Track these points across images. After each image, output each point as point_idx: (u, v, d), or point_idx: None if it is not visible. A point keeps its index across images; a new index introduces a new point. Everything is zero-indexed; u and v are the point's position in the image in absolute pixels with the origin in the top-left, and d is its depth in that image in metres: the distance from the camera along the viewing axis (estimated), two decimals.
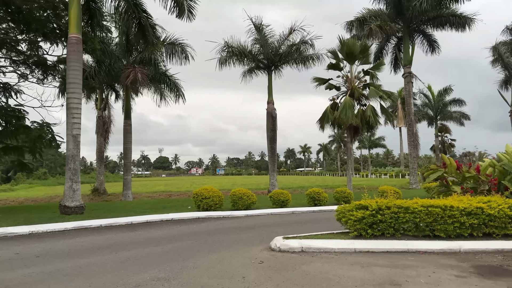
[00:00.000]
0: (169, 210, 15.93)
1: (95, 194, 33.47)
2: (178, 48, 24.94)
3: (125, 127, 25.44)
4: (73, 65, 13.60)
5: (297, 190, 33.53)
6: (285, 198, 16.37)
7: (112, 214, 14.19)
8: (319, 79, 21.86)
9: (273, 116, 26.83)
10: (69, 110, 13.56)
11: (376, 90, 20.14)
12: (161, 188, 42.88)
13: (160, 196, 31.06)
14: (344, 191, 17.89)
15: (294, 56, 26.80)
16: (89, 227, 11.55)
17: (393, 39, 32.52)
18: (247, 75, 29.43)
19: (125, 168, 25.41)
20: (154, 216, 13.45)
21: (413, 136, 29.40)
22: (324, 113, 21.26)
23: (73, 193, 13.39)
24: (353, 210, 8.31)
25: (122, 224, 12.19)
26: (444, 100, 56.64)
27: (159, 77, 25.40)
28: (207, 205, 14.75)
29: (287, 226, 11.66)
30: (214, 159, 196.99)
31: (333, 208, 17.66)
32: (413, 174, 29.15)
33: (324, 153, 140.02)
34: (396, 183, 38.91)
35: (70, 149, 13.41)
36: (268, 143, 26.97)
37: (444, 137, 60.80)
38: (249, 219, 13.59)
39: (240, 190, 15.76)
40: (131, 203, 19.52)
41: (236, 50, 26.54)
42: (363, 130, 20.82)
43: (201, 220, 13.31)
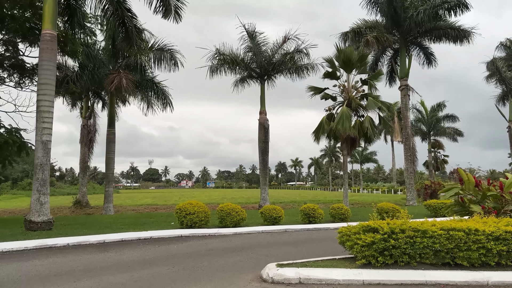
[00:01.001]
0: (150, 226, 14.47)
1: (77, 207, 31.73)
2: (167, 54, 23.72)
3: (109, 136, 23.97)
4: (46, 64, 12.28)
5: (289, 205, 32.12)
6: (278, 215, 15.02)
7: (85, 230, 12.70)
8: (314, 88, 20.76)
9: (266, 127, 25.62)
10: (39, 114, 12.16)
11: (375, 101, 19.09)
12: (148, 201, 41.19)
13: (145, 209, 29.44)
14: (340, 207, 16.60)
15: (288, 65, 25.74)
16: (53, 246, 10.07)
17: (389, 51, 31.78)
18: (239, 84, 28.27)
19: (107, 180, 23.83)
20: (131, 234, 12.00)
21: (410, 151, 28.36)
22: (319, 124, 20.10)
23: (41, 206, 11.91)
24: (360, 233, 7.02)
25: (92, 242, 10.72)
26: (437, 115, 56.28)
27: (146, 84, 24.10)
28: (191, 221, 13.33)
29: (280, 248, 10.30)
30: (205, 172, 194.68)
31: (329, 226, 16.44)
32: (410, 190, 28.00)
33: (316, 167, 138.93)
34: (390, 199, 37.75)
35: (38, 157, 11.98)
36: (259, 155, 25.69)
37: (437, 153, 60.27)
38: (237, 238, 12.21)
39: (229, 205, 14.38)
40: (110, 218, 17.98)
41: (227, 58, 25.42)
42: (360, 142, 19.69)
43: (184, 239, 11.88)
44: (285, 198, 44.66)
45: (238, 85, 28.28)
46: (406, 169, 28.55)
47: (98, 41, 23.38)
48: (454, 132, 56.83)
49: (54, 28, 12.67)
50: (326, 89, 20.42)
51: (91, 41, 23.06)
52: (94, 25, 20.88)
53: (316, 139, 20.35)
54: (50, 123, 12.30)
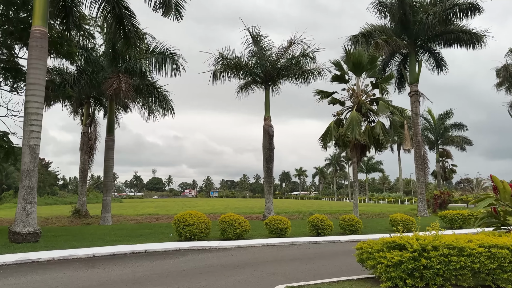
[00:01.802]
0: (146, 238, 13.45)
1: (76, 216, 30.77)
2: (169, 59, 22.89)
3: (107, 142, 23.07)
4: (35, 63, 11.42)
5: (294, 215, 30.98)
6: (284, 226, 13.95)
7: (75, 243, 11.70)
8: (322, 92, 19.77)
9: (270, 133, 24.64)
10: (27, 116, 11.27)
11: (387, 105, 18.07)
12: (149, 211, 40.16)
13: (145, 219, 28.45)
14: (351, 218, 15.49)
15: (294, 70, 24.85)
16: (36, 261, 9.07)
17: (397, 56, 30.84)
18: (243, 90, 27.41)
19: (105, 188, 22.88)
20: (124, 247, 10.98)
21: (421, 159, 27.23)
22: (327, 129, 19.08)
23: (27, 216, 10.94)
24: (384, 250, 5.97)
25: (80, 256, 9.71)
26: (445, 124, 55.21)
27: (146, 88, 23.26)
28: (190, 233, 12.29)
29: (288, 264, 9.24)
30: (208, 181, 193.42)
31: (340, 238, 15.31)
32: (421, 201, 26.79)
33: (320, 177, 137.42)
34: (398, 209, 36.51)
35: (25, 162, 11.05)
36: (264, 163, 24.68)
37: (445, 162, 58.99)
38: (240, 253, 11.16)
39: (231, 215, 13.34)
40: (106, 229, 16.97)
41: (231, 63, 24.58)
42: (370, 149, 18.62)
43: (181, 253, 10.84)
44: (289, 208, 43.48)
45: (242, 91, 27.45)
46: (417, 178, 27.39)
47: (98, 44, 22.62)
48: (462, 141, 55.68)
49: (44, 24, 11.83)
50: (334, 93, 19.45)
51: (91, 45, 22.29)
52: (93, 28, 20.13)
53: (323, 145, 19.33)
54: (39, 126, 11.39)
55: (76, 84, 20.62)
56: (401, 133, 19.64)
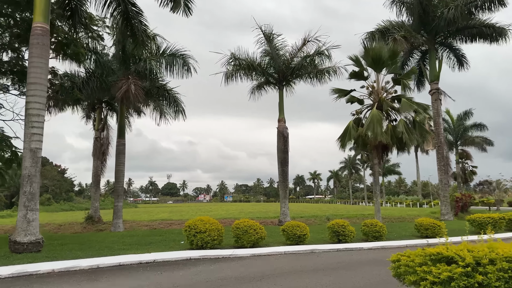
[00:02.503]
0: (156, 246, 12.68)
1: (88, 223, 30.35)
2: (180, 60, 22.24)
3: (118, 147, 22.48)
4: (36, 61, 10.81)
5: (310, 219, 29.91)
6: (302, 233, 13.02)
7: (80, 252, 10.98)
8: (339, 90, 18.79)
9: (285, 135, 23.73)
10: (27, 118, 10.64)
11: (410, 102, 16.99)
12: (164, 216, 39.57)
13: (159, 225, 27.79)
14: (374, 224, 14.45)
15: (308, 69, 23.91)
16: (34, 273, 8.35)
17: (416, 53, 29.67)
18: (255, 91, 26.59)
19: (116, 194, 22.26)
20: (131, 257, 10.21)
21: (444, 160, 25.93)
22: (345, 129, 18.06)
23: (28, 224, 10.27)
24: (428, 263, 5.03)
25: (83, 268, 8.97)
26: (464, 124, 53.55)
27: (157, 91, 22.64)
28: (202, 241, 11.46)
29: (309, 276, 8.33)
30: (222, 186, 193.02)
31: (363, 246, 14.24)
32: (444, 203, 25.48)
33: (335, 180, 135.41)
34: (419, 213, 35.13)
35: (26, 167, 10.40)
36: (279, 166, 23.76)
37: (464, 164, 57.19)
38: (256, 262, 10.28)
39: (245, 221, 12.48)
40: (115, 236, 16.27)
41: (243, 63, 23.80)
42: (393, 149, 17.52)
43: (193, 263, 10.02)
44: (305, 212, 42.37)
45: (255, 92, 26.64)
46: (440, 180, 26.10)
47: (107, 46, 22.11)
48: (483, 141, 53.92)
49: (46, 21, 11.22)
50: (353, 91, 18.44)
51: (100, 47, 21.80)
52: (102, 28, 19.59)
53: (342, 146, 18.32)
54: (41, 129, 10.75)
55: (85, 87, 20.09)
56: (426, 132, 18.50)
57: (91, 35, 19.35)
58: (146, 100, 22.54)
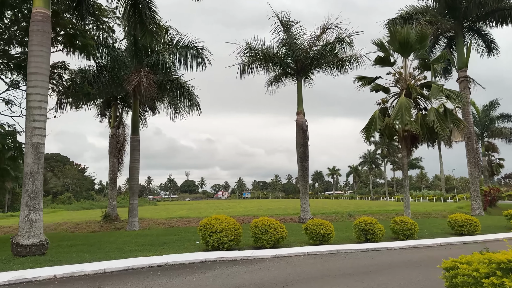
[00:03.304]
0: (170, 247, 11.86)
1: (106, 221, 30.01)
2: (193, 52, 21.42)
3: (132, 143, 21.84)
4: (36, 49, 10.08)
5: (331, 216, 28.72)
6: (327, 231, 11.99)
7: (87, 254, 10.24)
8: (363, 78, 17.57)
9: (304, 128, 22.64)
10: (29, 111, 9.93)
11: (441, 88, 15.69)
12: (182, 213, 38.99)
13: (177, 223, 27.15)
14: (405, 221, 13.28)
15: (328, 58, 22.69)
16: (34, 280, 7.59)
17: (441, 40, 28.07)
18: (272, 84, 25.56)
19: (131, 192, 21.61)
20: (141, 260, 9.39)
21: (474, 152, 24.37)
22: (371, 119, 16.86)
23: (31, 225, 9.56)
24: (496, 274, 3.98)
25: (88, 273, 8.18)
26: (490, 115, 51.31)
27: (170, 84, 21.87)
28: (218, 241, 10.56)
29: (339, 283, 7.32)
30: (240, 183, 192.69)
31: (393, 245, 13.04)
32: (475, 198, 23.97)
33: (355, 176, 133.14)
34: (444, 208, 33.47)
35: (28, 163, 9.69)
36: (298, 161, 22.71)
37: (491, 156, 54.97)
38: (278, 265, 9.32)
39: (265, 220, 11.53)
40: (129, 235, 15.56)
41: (259, 54, 22.78)
42: (423, 140, 16.21)
43: (208, 266, 9.13)
44: (325, 208, 41.13)
45: (272, 84, 25.61)
46: (470, 174, 24.55)
47: (119, 39, 21.43)
48: (510, 133, 51.69)
49: (47, 6, 10.47)
50: (378, 79, 17.18)
51: (111, 40, 21.16)
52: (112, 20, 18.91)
53: (367, 138, 17.14)
54: (43, 122, 10.02)
55: (96, 81, 19.47)
56: (459, 121, 17.12)
57: (101, 27, 18.69)
58: (159, 94, 21.83)
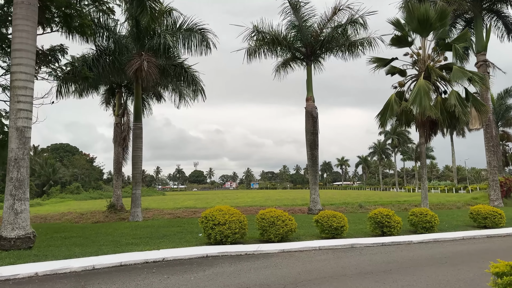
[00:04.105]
0: (170, 240, 11.01)
1: (110, 211, 29.44)
2: (198, 36, 20.40)
3: (135, 131, 21.00)
4: (21, 24, 9.16)
5: (341, 207, 27.76)
6: (339, 224, 11.02)
7: (77, 248, 9.41)
8: (378, 59, 16.40)
9: (314, 115, 21.60)
10: (13, 91, 9.04)
11: (463, 70, 14.50)
12: (189, 204, 38.38)
13: (183, 213, 26.42)
14: (424, 213, 12.26)
15: (340, 41, 21.52)
16: (12, 278, 6.76)
17: (459, 22, 26.64)
18: (281, 69, 24.51)
19: (134, 181, 20.82)
20: (135, 255, 8.53)
21: (493, 140, 23.14)
22: (386, 104, 15.72)
23: (15, 216, 8.74)
24: None
25: (75, 270, 7.34)
26: (506, 103, 49.62)
27: (174, 69, 20.92)
28: (221, 235, 9.66)
29: (356, 283, 6.37)
30: (248, 173, 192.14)
31: (411, 239, 11.88)
32: (494, 188, 22.80)
33: (364, 166, 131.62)
34: (458, 199, 32.33)
35: (12, 149, 8.85)
36: (307, 150, 21.71)
37: (505, 146, 53.40)
38: (286, 261, 8.41)
39: (272, 211, 10.60)
40: (128, 227, 14.76)
41: (267, 37, 21.68)
42: (443, 126, 15.03)
43: (209, 262, 8.24)
44: (334, 199, 40.18)
45: (280, 70, 24.57)
46: (488, 163, 23.34)
47: (120, 22, 20.48)
48: None
49: None
50: (394, 60, 16.00)
51: (112, 23, 20.22)
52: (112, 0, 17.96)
53: (382, 124, 16.03)
54: (29, 104, 9.14)
55: (95, 65, 18.57)
56: (482, 105, 15.94)
57: (100, 8, 17.75)
58: (162, 79, 20.91)
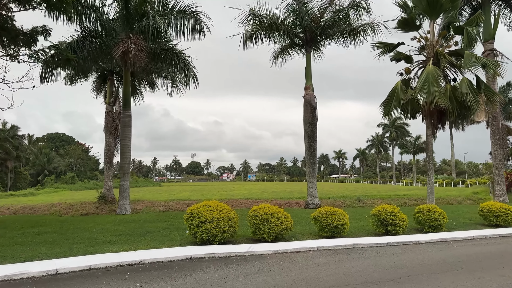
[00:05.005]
0: (153, 237, 9.97)
1: (101, 203, 28.36)
2: (191, 18, 19.18)
3: (123, 119, 19.83)
4: None
5: (339, 200, 26.71)
6: (340, 222, 9.99)
7: (46, 247, 8.36)
8: (383, 44, 15.23)
9: (313, 105, 20.50)
10: None
11: (476, 56, 13.41)
12: (184, 195, 37.32)
13: (176, 205, 25.38)
14: (432, 210, 11.25)
15: (341, 27, 20.38)
16: None
17: (465, 10, 25.44)
18: (279, 56, 23.33)
19: (122, 172, 19.71)
20: (109, 257, 7.49)
21: (499, 133, 22.12)
22: (392, 92, 14.60)
23: None
24: None
25: (34, 275, 6.30)
26: (508, 96, 48.62)
27: (165, 54, 19.71)
28: (208, 233, 8.62)
29: None
30: (246, 165, 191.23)
31: (418, 238, 10.67)
32: (499, 183, 21.83)
33: (362, 159, 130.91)
34: (458, 193, 31.43)
35: None
36: (305, 141, 20.66)
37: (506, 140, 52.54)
38: (281, 265, 7.39)
39: (265, 208, 9.55)
40: (111, 222, 13.68)
41: (264, 21, 20.49)
42: (452, 115, 13.91)
43: (192, 266, 7.21)
44: (331, 192, 39.18)
45: (278, 57, 23.39)
46: (494, 156, 22.33)
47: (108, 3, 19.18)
48: None
49: None
50: (400, 45, 14.83)
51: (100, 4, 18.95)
52: None
53: (385, 113, 14.95)
54: None
55: (80, 47, 17.35)
56: (494, 94, 14.88)
57: None
58: (152, 64, 19.75)
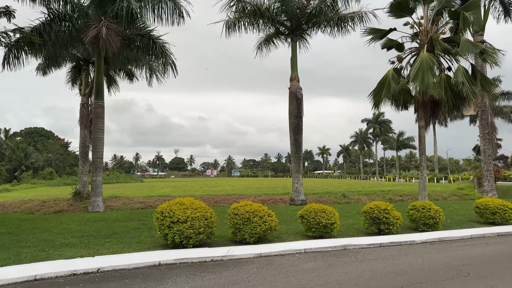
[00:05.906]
0: (119, 239, 8.81)
1: (76, 199, 26.87)
2: (169, 3, 17.94)
3: (95, 110, 18.44)
4: None
5: (324, 196, 25.89)
6: (329, 221, 9.01)
7: None
8: (375, 30, 14.29)
9: (298, 97, 19.52)
10: None
11: (473, 43, 12.63)
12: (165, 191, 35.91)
13: (155, 202, 24.07)
14: (427, 207, 10.37)
15: (329, 15, 19.44)
16: None
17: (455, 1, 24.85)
18: (263, 46, 22.27)
19: (94, 167, 18.34)
20: (60, 264, 6.32)
21: (488, 127, 21.61)
22: (382, 81, 13.69)
23: None
24: None
25: None
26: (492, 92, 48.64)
27: (141, 39, 18.40)
28: (181, 235, 7.51)
29: None
30: (230, 161, 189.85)
31: (413, 238, 9.38)
32: (488, 179, 21.36)
33: (345, 155, 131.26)
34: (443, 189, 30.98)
35: None
36: (291, 135, 19.69)
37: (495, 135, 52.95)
38: (263, 272, 6.36)
39: (248, 205, 8.50)
40: (73, 221, 12.37)
41: (248, 7, 19.36)
42: (447, 107, 13.08)
43: (159, 275, 6.11)
44: (316, 188, 38.41)
45: (262, 47, 22.33)
46: (483, 151, 21.84)
47: None
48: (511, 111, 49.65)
49: None
50: (392, 31, 13.90)
51: None
52: None
53: (375, 104, 14.05)
54: None
55: (47, 30, 15.91)
56: (491, 84, 14.19)
57: None
58: (127, 50, 18.44)
